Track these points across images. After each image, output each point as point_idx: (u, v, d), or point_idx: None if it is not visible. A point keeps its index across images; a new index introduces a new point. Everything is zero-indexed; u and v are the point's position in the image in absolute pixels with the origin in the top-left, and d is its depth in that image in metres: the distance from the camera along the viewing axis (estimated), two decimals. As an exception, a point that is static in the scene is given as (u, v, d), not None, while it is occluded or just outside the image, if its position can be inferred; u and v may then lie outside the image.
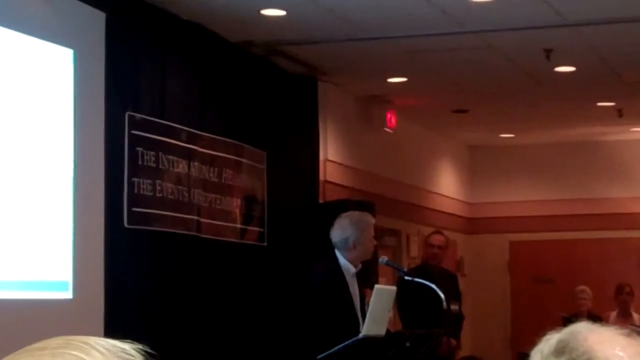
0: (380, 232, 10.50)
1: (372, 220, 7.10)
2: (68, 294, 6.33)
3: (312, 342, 6.63)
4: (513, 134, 13.60)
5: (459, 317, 8.98)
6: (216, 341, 7.85)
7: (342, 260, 6.80)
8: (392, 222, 11.52)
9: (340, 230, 6.85)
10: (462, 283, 13.86)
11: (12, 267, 5.95)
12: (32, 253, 6.07)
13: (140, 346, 1.32)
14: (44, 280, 6.22)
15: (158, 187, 7.19)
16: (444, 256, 9.43)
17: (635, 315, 10.78)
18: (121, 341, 1.31)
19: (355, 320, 6.66)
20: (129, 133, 6.95)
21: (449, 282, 8.67)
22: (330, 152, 10.20)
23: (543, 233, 14.07)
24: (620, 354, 1.67)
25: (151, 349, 1.34)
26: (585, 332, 1.69)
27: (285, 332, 8.44)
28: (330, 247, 6.92)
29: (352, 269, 6.80)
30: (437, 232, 9.73)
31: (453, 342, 8.46)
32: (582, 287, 10.93)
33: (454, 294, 8.71)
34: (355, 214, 7.10)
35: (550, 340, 1.71)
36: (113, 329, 6.24)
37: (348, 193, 10.16)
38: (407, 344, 6.78)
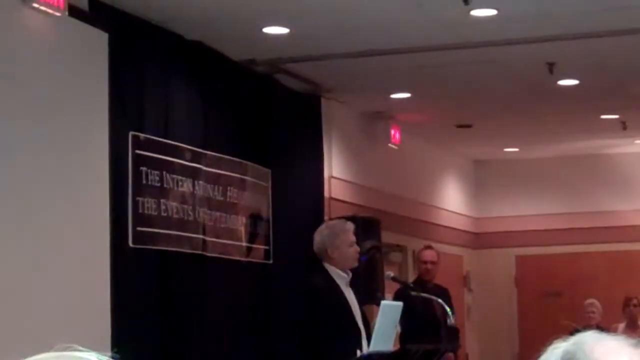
0: (386, 248, 10.52)
1: (348, 226, 6.84)
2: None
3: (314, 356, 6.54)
4: (517, 148, 13.60)
5: (455, 330, 8.98)
6: (223, 359, 7.84)
7: (330, 269, 6.69)
8: (398, 238, 11.50)
9: (316, 239, 6.79)
10: (468, 298, 13.88)
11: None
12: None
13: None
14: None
15: (163, 207, 7.19)
16: (437, 271, 9.39)
17: (643, 327, 10.75)
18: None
19: (356, 330, 6.56)
20: (133, 153, 6.95)
21: (443, 296, 8.66)
22: (335, 169, 10.20)
23: (549, 247, 14.04)
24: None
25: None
26: (591, 343, 1.68)
27: (291, 350, 8.41)
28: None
29: (344, 275, 6.69)
30: (428, 247, 9.66)
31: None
32: (590, 300, 10.91)
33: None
34: (329, 221, 6.96)
35: (556, 350, 1.70)
36: (120, 349, 6.22)
37: (353, 210, 10.14)
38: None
